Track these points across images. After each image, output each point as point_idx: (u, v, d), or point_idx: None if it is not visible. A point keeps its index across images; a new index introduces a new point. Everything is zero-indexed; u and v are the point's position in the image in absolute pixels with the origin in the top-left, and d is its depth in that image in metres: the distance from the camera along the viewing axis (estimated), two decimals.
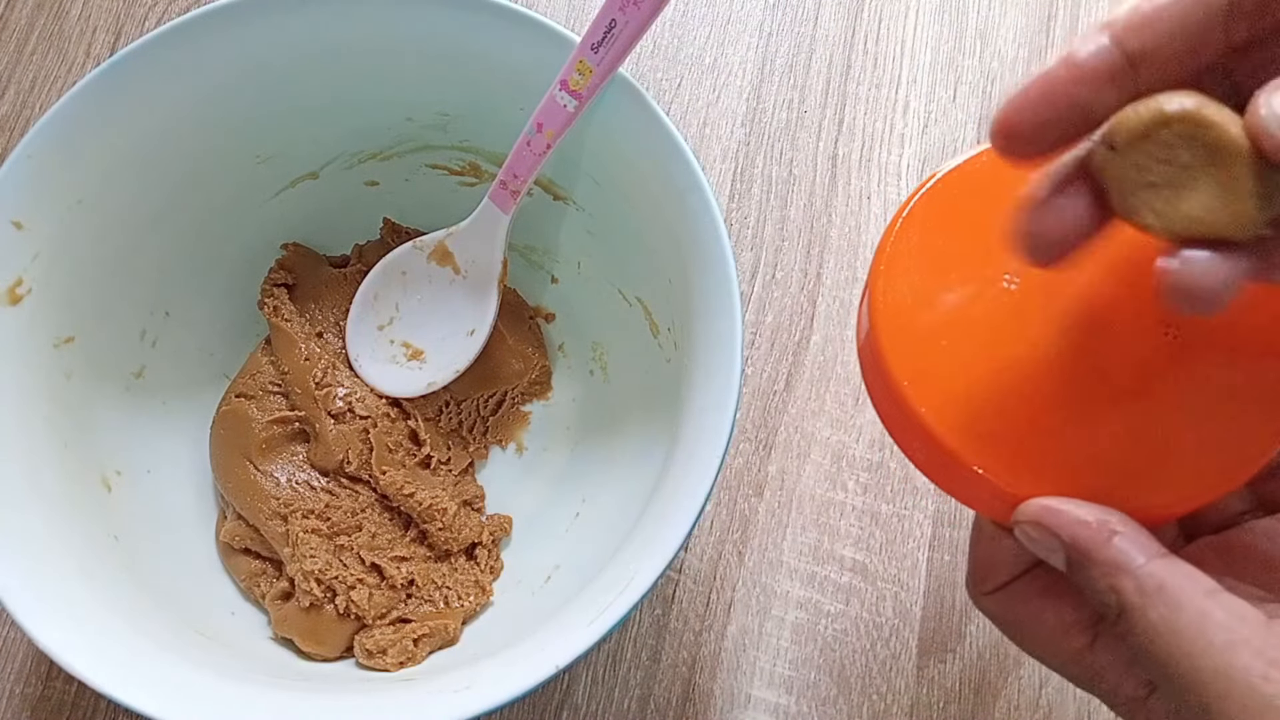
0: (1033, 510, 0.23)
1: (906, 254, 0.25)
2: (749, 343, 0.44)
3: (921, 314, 0.25)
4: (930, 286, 0.25)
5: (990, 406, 0.24)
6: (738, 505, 0.42)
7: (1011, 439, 0.24)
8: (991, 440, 0.24)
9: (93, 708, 0.39)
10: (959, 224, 0.25)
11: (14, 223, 0.33)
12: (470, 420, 0.42)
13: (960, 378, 0.24)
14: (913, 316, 0.25)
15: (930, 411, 0.24)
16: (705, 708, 0.39)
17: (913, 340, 0.24)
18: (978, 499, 0.25)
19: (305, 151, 0.40)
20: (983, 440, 0.24)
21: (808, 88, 0.48)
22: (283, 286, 0.42)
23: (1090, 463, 0.23)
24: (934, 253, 0.25)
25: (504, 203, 0.38)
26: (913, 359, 0.24)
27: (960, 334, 0.24)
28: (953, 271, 0.25)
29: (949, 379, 0.24)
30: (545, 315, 0.44)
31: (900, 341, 0.24)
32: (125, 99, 0.34)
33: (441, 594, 0.38)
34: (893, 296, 0.25)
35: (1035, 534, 0.23)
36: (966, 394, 0.24)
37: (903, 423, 0.25)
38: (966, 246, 0.25)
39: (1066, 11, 0.49)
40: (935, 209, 0.25)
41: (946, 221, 0.25)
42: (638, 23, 0.32)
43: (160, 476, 0.39)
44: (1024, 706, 0.38)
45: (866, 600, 0.40)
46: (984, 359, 0.24)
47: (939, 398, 0.24)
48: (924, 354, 0.24)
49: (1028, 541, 0.23)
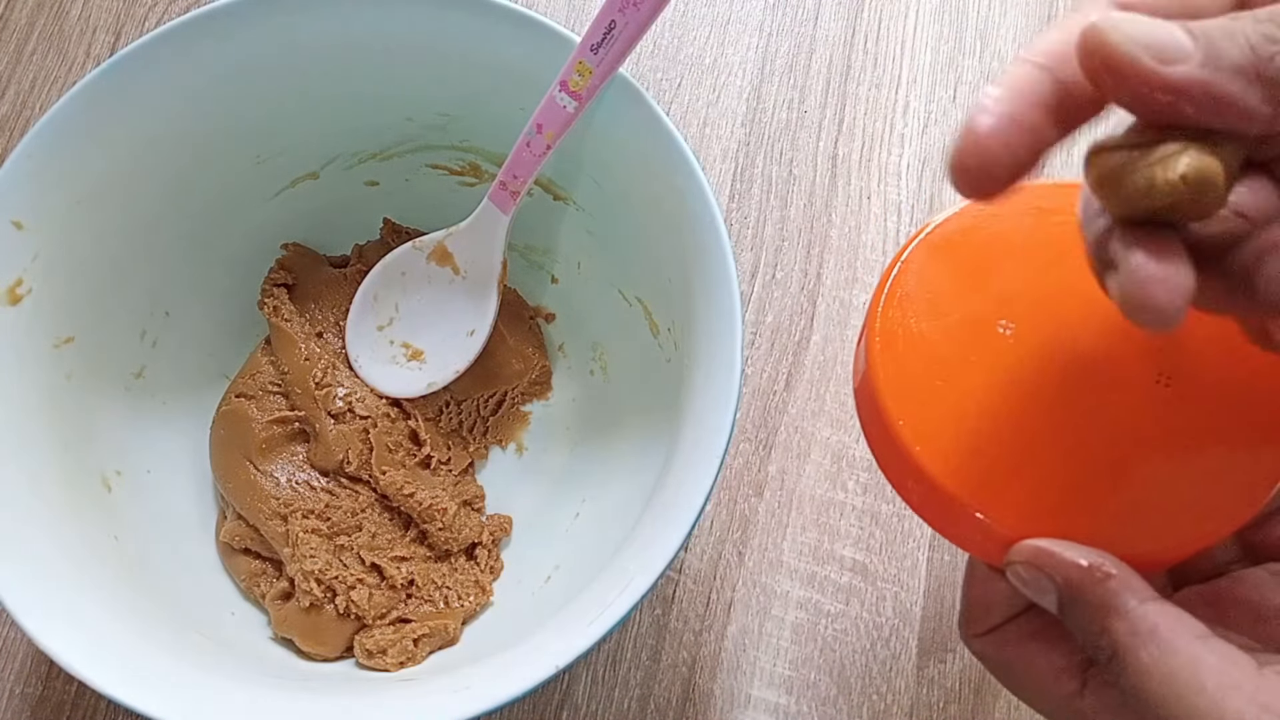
0: (1026, 551, 0.23)
1: (904, 298, 0.25)
2: (749, 343, 0.44)
3: (918, 357, 0.25)
4: (927, 330, 0.25)
5: (985, 450, 0.24)
6: (738, 505, 0.42)
7: (1006, 483, 0.24)
8: (986, 483, 0.24)
9: (93, 708, 0.39)
10: (955, 270, 0.26)
11: (14, 223, 0.33)
12: (470, 420, 0.42)
13: (955, 421, 0.24)
14: (909, 359, 0.25)
15: (925, 453, 0.24)
16: (705, 708, 0.39)
17: (909, 383, 0.25)
18: (971, 541, 0.25)
19: (305, 151, 0.40)
20: (977, 483, 0.24)
21: (808, 88, 0.48)
22: (283, 286, 0.42)
23: (1083, 508, 0.24)
24: (931, 297, 0.25)
25: (504, 203, 0.38)
26: (909, 401, 0.25)
27: (956, 378, 0.25)
28: (949, 316, 0.25)
29: (944, 422, 0.24)
30: (545, 315, 0.44)
31: (897, 384, 0.25)
32: (125, 99, 0.34)
33: (441, 594, 0.38)
34: (890, 339, 0.25)
35: (1028, 575, 0.23)
36: (961, 437, 0.24)
37: (898, 464, 0.25)
38: (963, 292, 0.25)
39: (1066, 11, 0.49)
40: (932, 254, 0.26)
41: (943, 267, 0.26)
42: (637, 24, 0.32)
43: (160, 476, 0.39)
44: (1024, 707, 0.38)
45: (866, 600, 0.40)
46: (979, 403, 0.24)
47: (934, 440, 0.24)
48: (920, 397, 0.25)
49: (1020, 583, 0.23)
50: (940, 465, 0.24)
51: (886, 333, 0.25)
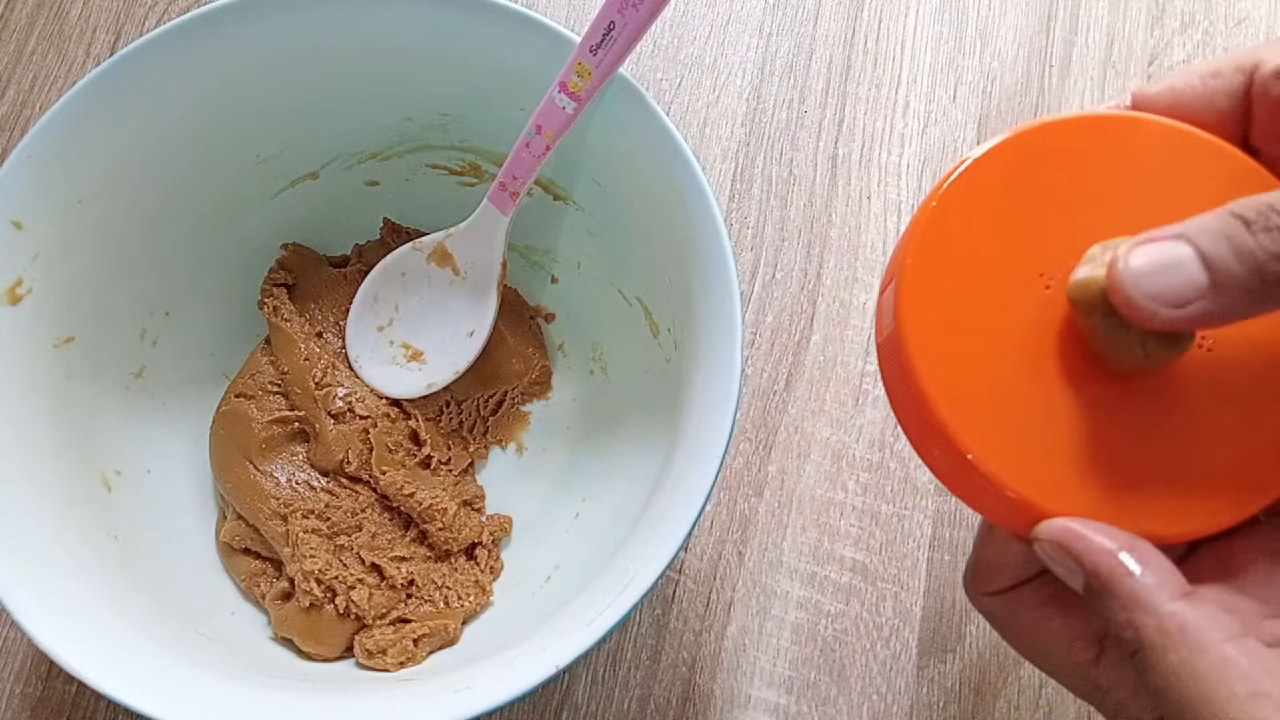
0: (1055, 530, 0.22)
1: (936, 246, 0.23)
2: (749, 343, 0.44)
3: (950, 310, 0.23)
4: (960, 280, 0.23)
5: (1017, 417, 0.23)
6: (738, 505, 0.42)
7: (1037, 451, 0.22)
8: (1016, 452, 0.22)
9: (93, 708, 0.39)
10: (993, 213, 0.23)
11: (14, 223, 0.33)
12: (470, 420, 0.42)
13: (987, 382, 0.23)
14: (941, 312, 0.23)
15: (955, 418, 0.22)
16: (705, 708, 0.39)
17: (939, 338, 0.23)
18: (995, 510, 0.24)
19: (305, 151, 0.40)
20: (1007, 452, 0.22)
21: (808, 88, 0.48)
22: (283, 286, 0.42)
23: (1116, 479, 0.22)
24: (966, 245, 0.23)
25: (503, 204, 0.38)
26: (938, 358, 0.23)
27: (991, 337, 0.23)
28: (985, 267, 0.23)
29: (975, 382, 0.23)
30: (545, 315, 0.44)
31: (926, 339, 0.23)
32: (125, 99, 0.34)
33: (441, 594, 0.38)
34: (920, 289, 0.23)
35: (1055, 555, 0.22)
36: (993, 403, 0.23)
37: (923, 427, 0.23)
38: (1001, 239, 0.23)
39: (1066, 11, 0.49)
40: (969, 195, 0.23)
41: (980, 209, 0.23)
42: (636, 24, 0.32)
43: (160, 476, 0.39)
44: (1024, 706, 0.38)
45: (866, 600, 0.40)
46: (1014, 363, 0.23)
47: (963, 402, 0.22)
48: (950, 354, 0.23)
49: (1047, 559, 0.23)
50: (970, 432, 0.22)
51: (917, 281, 0.23)
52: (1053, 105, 0.48)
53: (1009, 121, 0.47)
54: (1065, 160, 0.24)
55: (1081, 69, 0.48)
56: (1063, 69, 0.48)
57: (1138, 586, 0.21)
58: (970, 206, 0.23)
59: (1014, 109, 0.48)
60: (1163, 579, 0.21)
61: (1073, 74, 0.48)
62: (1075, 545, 0.22)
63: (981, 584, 0.26)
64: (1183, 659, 0.20)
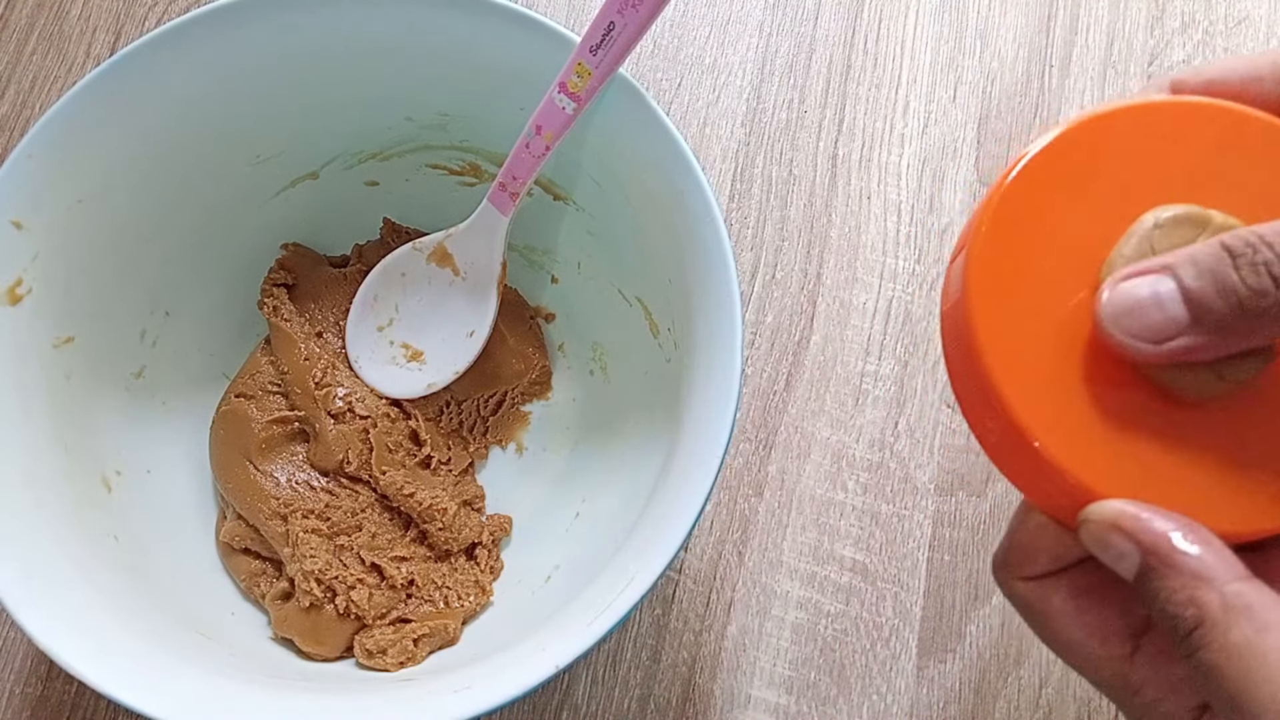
0: (1109, 512, 0.22)
1: (1012, 217, 0.23)
2: (749, 343, 0.44)
3: (1019, 286, 0.23)
4: (1031, 260, 0.23)
5: (1079, 400, 0.22)
6: (738, 505, 0.42)
7: (1096, 436, 0.22)
8: (1073, 434, 0.22)
9: (93, 708, 0.39)
10: (1071, 191, 0.23)
11: (14, 223, 0.33)
12: (470, 420, 0.42)
13: (1050, 362, 0.22)
14: (1010, 287, 0.23)
15: (1015, 394, 0.22)
16: (705, 708, 0.39)
17: (1006, 315, 0.22)
18: (1044, 491, 0.23)
19: (305, 151, 0.40)
20: (1064, 433, 0.22)
21: (808, 88, 0.48)
22: (283, 286, 0.42)
23: (1177, 473, 0.22)
24: (1039, 223, 0.23)
25: (503, 205, 0.38)
26: (1003, 336, 0.22)
27: (1057, 315, 0.23)
28: (1057, 246, 0.23)
29: (1038, 362, 0.22)
30: (545, 315, 0.44)
31: (992, 313, 0.22)
32: (125, 99, 0.34)
33: (441, 594, 0.38)
34: (991, 262, 0.23)
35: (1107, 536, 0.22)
36: (1054, 380, 0.22)
37: (979, 398, 0.23)
38: (1077, 218, 0.23)
39: (1066, 11, 0.49)
40: (1048, 170, 0.23)
41: (1058, 186, 0.23)
42: (636, 25, 0.32)
43: (160, 476, 0.39)
44: (1024, 706, 0.38)
45: (866, 600, 0.40)
46: (1079, 346, 0.22)
47: (1024, 380, 0.22)
48: (1015, 331, 0.22)
49: (1093, 543, 0.22)
50: (1027, 405, 0.22)
51: (988, 254, 0.23)
52: (1053, 105, 0.48)
53: (1009, 121, 0.47)
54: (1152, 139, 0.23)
55: (1081, 69, 0.48)
56: (1063, 69, 0.48)
57: (1200, 564, 0.21)
58: (1050, 179, 0.23)
59: (1014, 109, 0.48)
60: (1224, 558, 0.21)
61: (1073, 74, 0.48)
62: (1131, 525, 0.21)
63: (1015, 568, 0.25)
64: (1247, 636, 0.20)
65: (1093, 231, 0.23)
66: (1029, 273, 0.23)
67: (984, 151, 0.47)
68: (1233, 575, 0.21)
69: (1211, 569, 0.21)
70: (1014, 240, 0.23)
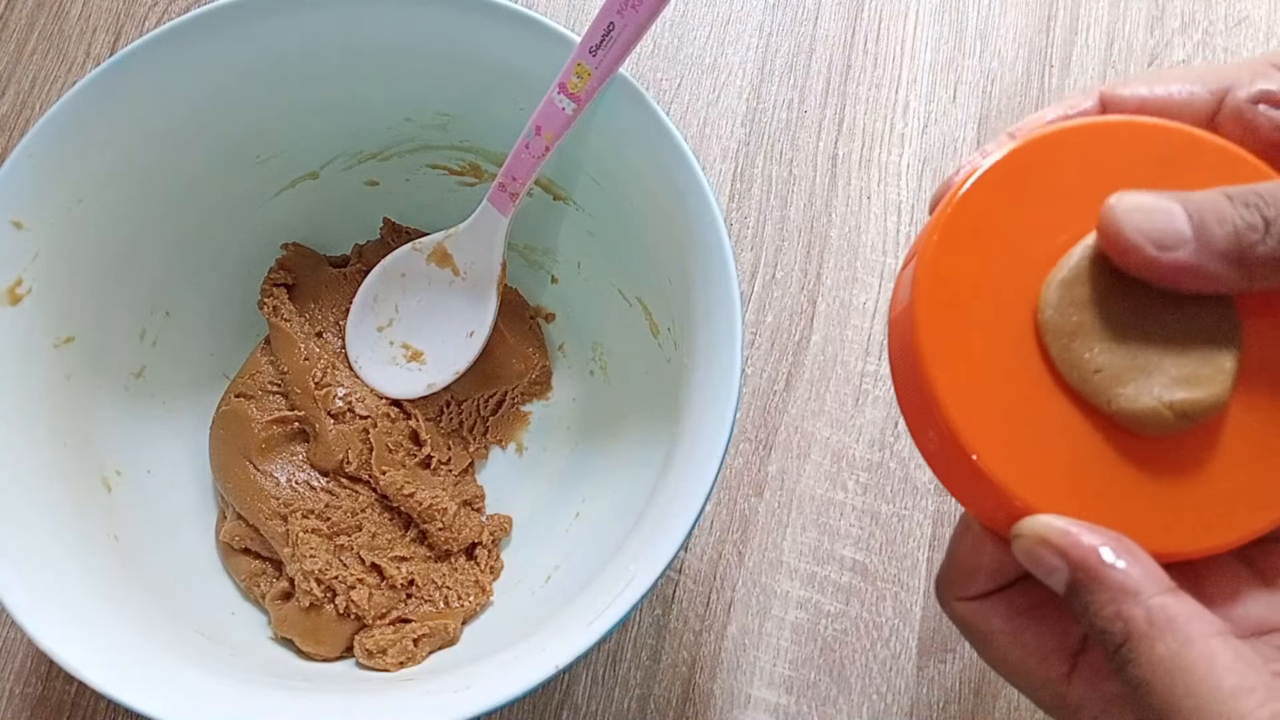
0: (1038, 527, 0.22)
1: (963, 226, 0.23)
2: (749, 343, 0.44)
3: (966, 296, 0.23)
4: (980, 271, 0.23)
5: (1019, 411, 0.22)
6: (738, 505, 0.42)
7: (1033, 448, 0.22)
8: (1010, 446, 0.22)
9: (93, 708, 0.39)
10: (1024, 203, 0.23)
11: (14, 223, 0.33)
12: (470, 420, 0.42)
13: (993, 374, 0.22)
14: (956, 297, 0.23)
15: (954, 402, 0.22)
16: (705, 708, 0.39)
17: (951, 323, 0.23)
18: (981, 503, 0.23)
19: (305, 151, 0.40)
20: (1001, 444, 0.22)
21: (808, 88, 0.48)
22: (283, 286, 0.42)
23: (1114, 490, 0.22)
24: (994, 230, 0.23)
25: (503, 205, 0.38)
26: (948, 346, 0.22)
27: (1004, 327, 0.23)
28: (1009, 256, 0.23)
29: (982, 373, 0.22)
30: (545, 315, 0.44)
31: (938, 321, 0.23)
32: (125, 99, 0.34)
33: (441, 594, 0.38)
34: (939, 271, 0.23)
35: (1037, 551, 0.22)
36: (996, 393, 0.22)
37: (921, 406, 0.23)
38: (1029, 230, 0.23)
39: (1066, 11, 0.49)
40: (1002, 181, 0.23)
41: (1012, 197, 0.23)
42: (636, 25, 0.32)
43: (160, 476, 0.39)
44: (1024, 706, 0.38)
45: (866, 600, 0.40)
46: (1024, 359, 0.23)
47: (965, 390, 0.22)
48: (961, 341, 0.23)
49: (1025, 558, 0.22)
50: (964, 413, 0.22)
51: (938, 264, 0.23)
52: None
53: (1009, 121, 0.47)
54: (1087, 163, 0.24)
55: (1081, 69, 0.48)
56: (1063, 69, 0.48)
57: (1126, 578, 0.21)
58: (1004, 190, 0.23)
59: (1014, 109, 0.48)
60: (1150, 572, 0.21)
61: (1073, 74, 0.48)
62: (1060, 540, 0.22)
63: (955, 587, 0.25)
64: (1171, 650, 0.20)
65: (1039, 248, 0.23)
66: (976, 284, 0.23)
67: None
68: (1158, 589, 0.21)
69: (1137, 582, 0.21)
70: (963, 252, 0.23)
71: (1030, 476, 0.22)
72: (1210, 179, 0.23)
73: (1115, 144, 0.24)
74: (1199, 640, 0.20)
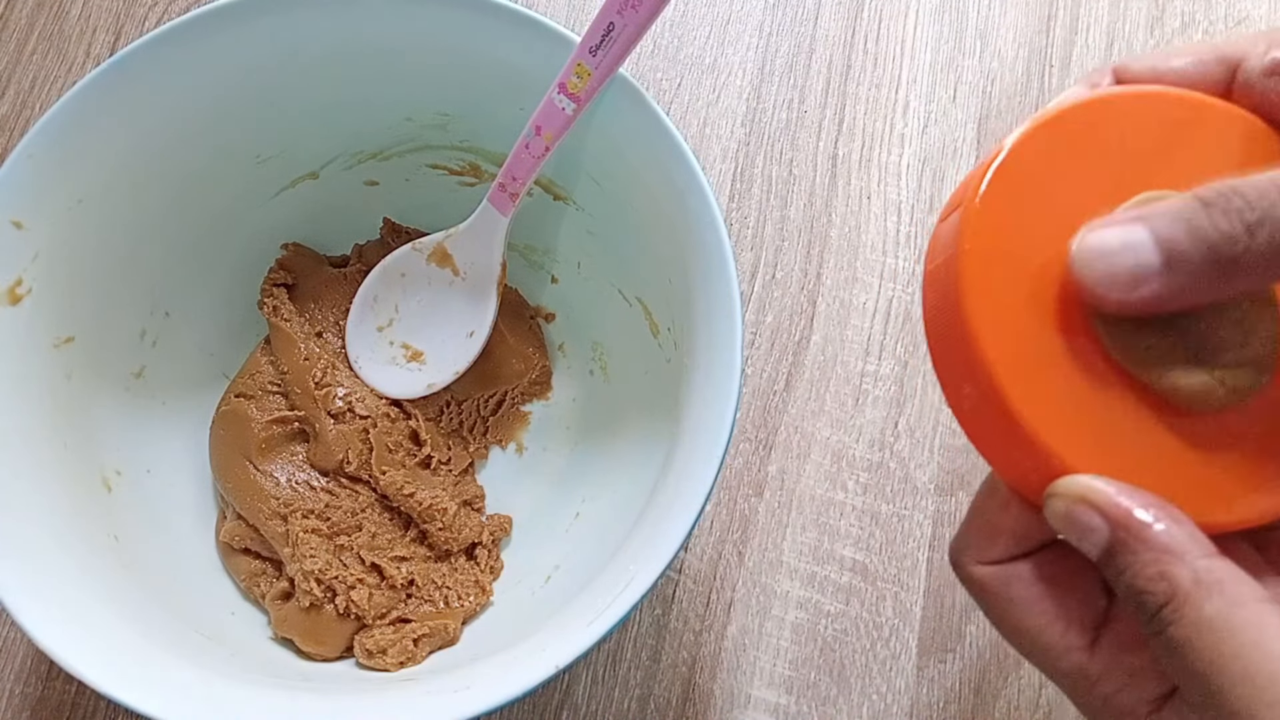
0: (1078, 486, 0.21)
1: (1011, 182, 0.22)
2: (749, 343, 0.44)
3: (1009, 254, 0.22)
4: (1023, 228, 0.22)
5: (1059, 374, 0.22)
6: (738, 505, 0.42)
7: (1073, 412, 0.22)
8: (1052, 406, 0.22)
9: (93, 708, 0.39)
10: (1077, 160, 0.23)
11: (14, 223, 0.33)
12: (470, 420, 0.42)
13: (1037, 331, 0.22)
14: (1001, 253, 0.22)
15: (997, 358, 0.21)
16: (705, 708, 0.39)
17: (995, 276, 0.22)
18: (1015, 463, 0.23)
19: (305, 151, 0.40)
20: (1043, 404, 0.21)
21: (808, 88, 0.48)
22: (283, 286, 0.42)
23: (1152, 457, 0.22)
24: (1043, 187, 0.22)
25: (503, 205, 0.38)
26: (991, 299, 0.22)
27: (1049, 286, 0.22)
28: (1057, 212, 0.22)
29: (1025, 330, 0.22)
30: (545, 315, 0.44)
31: (982, 273, 0.22)
32: (125, 99, 0.34)
33: (441, 594, 0.38)
34: (986, 225, 0.22)
35: (1076, 511, 0.21)
36: (1037, 353, 0.22)
37: (959, 359, 0.22)
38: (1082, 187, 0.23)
39: (1066, 11, 0.49)
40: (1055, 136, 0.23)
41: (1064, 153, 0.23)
42: (636, 25, 0.32)
43: (160, 476, 0.39)
44: (1024, 706, 0.38)
45: (866, 600, 0.40)
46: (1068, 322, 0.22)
47: (1009, 347, 0.22)
48: (1005, 295, 0.22)
49: (1060, 519, 0.22)
50: (1009, 370, 0.21)
51: (984, 215, 0.22)
52: None
53: (1009, 121, 0.47)
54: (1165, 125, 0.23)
55: (1081, 69, 0.48)
56: (1063, 69, 0.48)
57: (1171, 539, 0.20)
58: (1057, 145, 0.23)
59: (1014, 109, 0.48)
60: (1195, 535, 0.21)
61: (1073, 74, 0.48)
62: (1100, 500, 0.21)
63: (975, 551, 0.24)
64: (1219, 611, 0.20)
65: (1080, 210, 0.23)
66: (1019, 240, 0.22)
67: (984, 151, 0.47)
68: (1203, 551, 0.21)
69: (1182, 544, 0.20)
70: (1009, 207, 0.22)
71: (1069, 436, 0.22)
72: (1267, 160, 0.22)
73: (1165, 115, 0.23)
74: (1249, 603, 0.20)
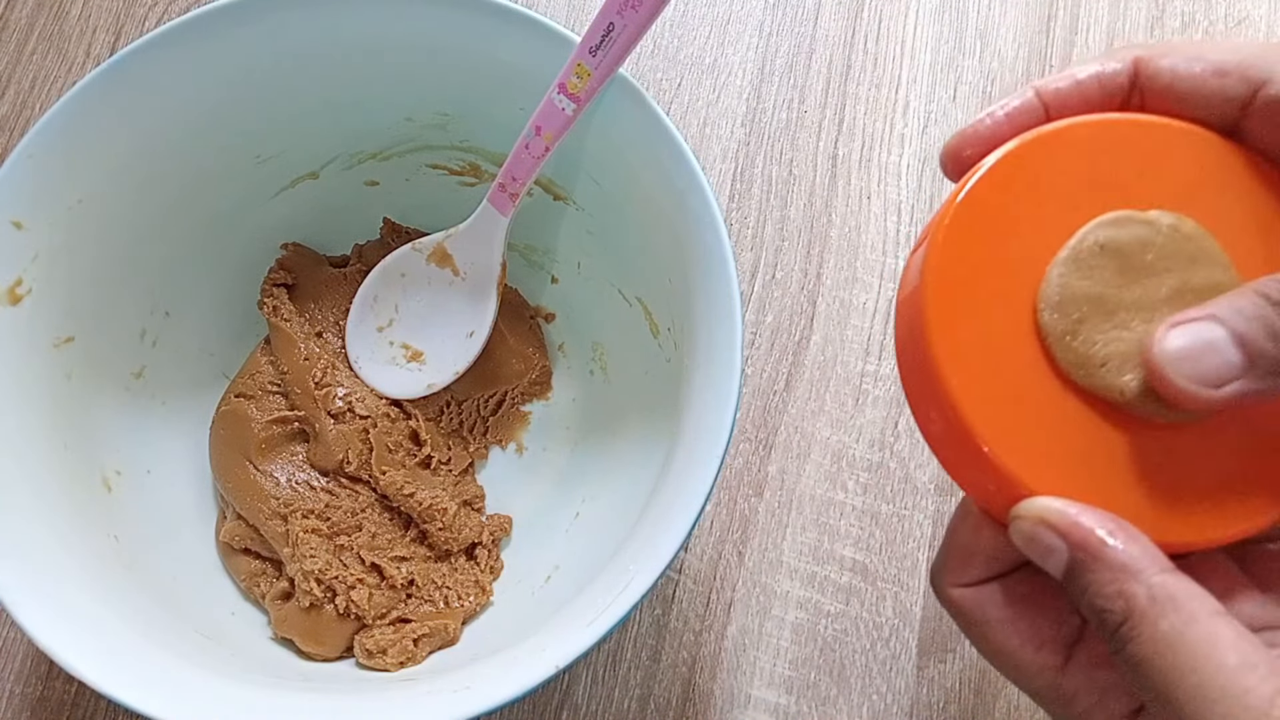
0: (1037, 508, 0.22)
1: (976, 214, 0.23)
2: (749, 343, 0.44)
3: (975, 281, 0.23)
4: (991, 254, 0.23)
5: (1024, 396, 0.23)
6: (738, 505, 0.42)
7: (1035, 433, 0.23)
8: (1014, 429, 0.22)
9: (93, 708, 0.39)
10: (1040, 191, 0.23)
11: (14, 223, 0.33)
12: (470, 420, 0.42)
13: (999, 359, 0.23)
14: (965, 281, 0.23)
15: (959, 383, 0.22)
16: (705, 708, 0.39)
17: (959, 306, 0.23)
18: (981, 486, 0.23)
19: (305, 151, 0.40)
20: (1005, 427, 0.22)
21: (808, 88, 0.48)
22: (283, 286, 0.42)
23: (1113, 478, 0.22)
24: (1007, 218, 0.23)
25: (503, 205, 0.38)
26: (954, 325, 0.23)
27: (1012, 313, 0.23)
28: (1020, 242, 0.23)
29: (988, 357, 0.23)
30: (545, 315, 0.44)
31: (947, 304, 0.23)
32: (125, 99, 0.34)
33: (441, 594, 0.38)
34: (952, 253, 0.23)
35: (1037, 533, 0.22)
36: (1001, 376, 0.23)
37: (925, 387, 0.23)
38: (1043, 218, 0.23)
39: (1066, 11, 0.49)
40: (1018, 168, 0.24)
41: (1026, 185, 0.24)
42: (636, 26, 0.32)
43: (160, 476, 0.39)
44: (1024, 706, 0.38)
45: (866, 600, 0.40)
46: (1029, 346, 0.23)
47: (972, 373, 0.22)
48: (969, 324, 0.23)
49: (1023, 540, 0.22)
50: (971, 400, 0.22)
51: (949, 247, 0.23)
52: None
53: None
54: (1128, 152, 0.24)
55: None
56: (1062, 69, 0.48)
57: (1127, 557, 0.21)
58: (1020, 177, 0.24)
59: None
60: (1150, 552, 0.21)
61: None
62: (1060, 521, 0.22)
63: (951, 574, 0.25)
64: (1173, 626, 0.20)
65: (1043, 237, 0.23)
66: (986, 270, 0.23)
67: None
68: (1158, 567, 0.21)
69: (1138, 561, 0.21)
70: (974, 238, 0.23)
71: (1031, 460, 0.22)
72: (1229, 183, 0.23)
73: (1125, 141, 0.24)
74: (1202, 618, 0.20)
